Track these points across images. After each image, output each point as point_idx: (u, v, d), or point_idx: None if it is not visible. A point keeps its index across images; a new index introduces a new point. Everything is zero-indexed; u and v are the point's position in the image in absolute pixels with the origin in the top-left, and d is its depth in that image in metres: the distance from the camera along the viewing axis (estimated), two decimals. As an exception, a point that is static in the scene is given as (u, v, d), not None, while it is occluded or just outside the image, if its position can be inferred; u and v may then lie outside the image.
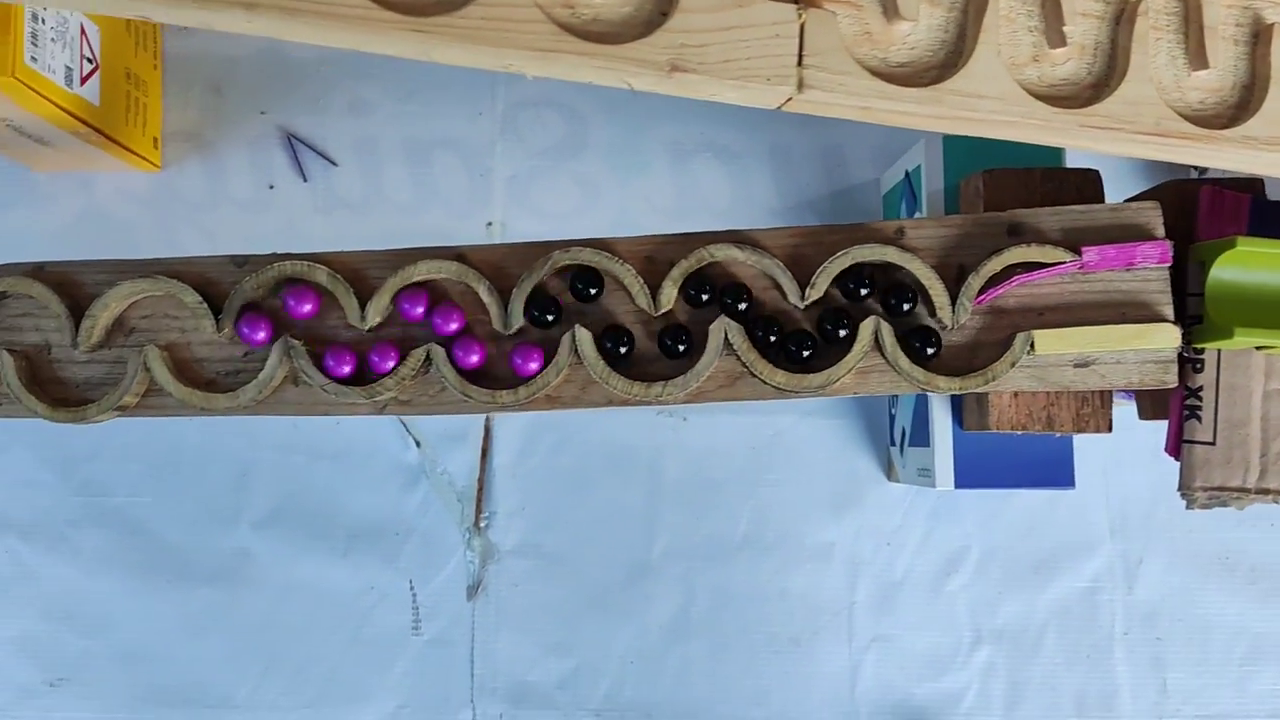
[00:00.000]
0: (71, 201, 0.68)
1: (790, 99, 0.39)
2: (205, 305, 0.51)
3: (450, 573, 0.67)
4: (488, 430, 0.68)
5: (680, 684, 0.67)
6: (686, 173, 0.70)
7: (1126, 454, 0.69)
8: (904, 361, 0.49)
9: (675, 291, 0.50)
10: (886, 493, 0.69)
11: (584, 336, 0.50)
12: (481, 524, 0.68)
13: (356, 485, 0.68)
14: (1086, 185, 0.55)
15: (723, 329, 0.49)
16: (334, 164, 0.69)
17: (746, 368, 0.49)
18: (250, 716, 0.66)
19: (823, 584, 0.68)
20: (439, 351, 0.50)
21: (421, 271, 0.51)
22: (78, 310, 0.52)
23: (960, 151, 0.60)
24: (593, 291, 0.50)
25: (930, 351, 0.49)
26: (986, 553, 0.68)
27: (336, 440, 0.68)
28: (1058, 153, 0.59)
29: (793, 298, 0.49)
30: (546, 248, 0.51)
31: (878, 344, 0.49)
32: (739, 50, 0.38)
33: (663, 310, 0.50)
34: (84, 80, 0.58)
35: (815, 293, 0.49)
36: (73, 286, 0.52)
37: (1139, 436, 0.59)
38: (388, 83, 0.69)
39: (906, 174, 0.63)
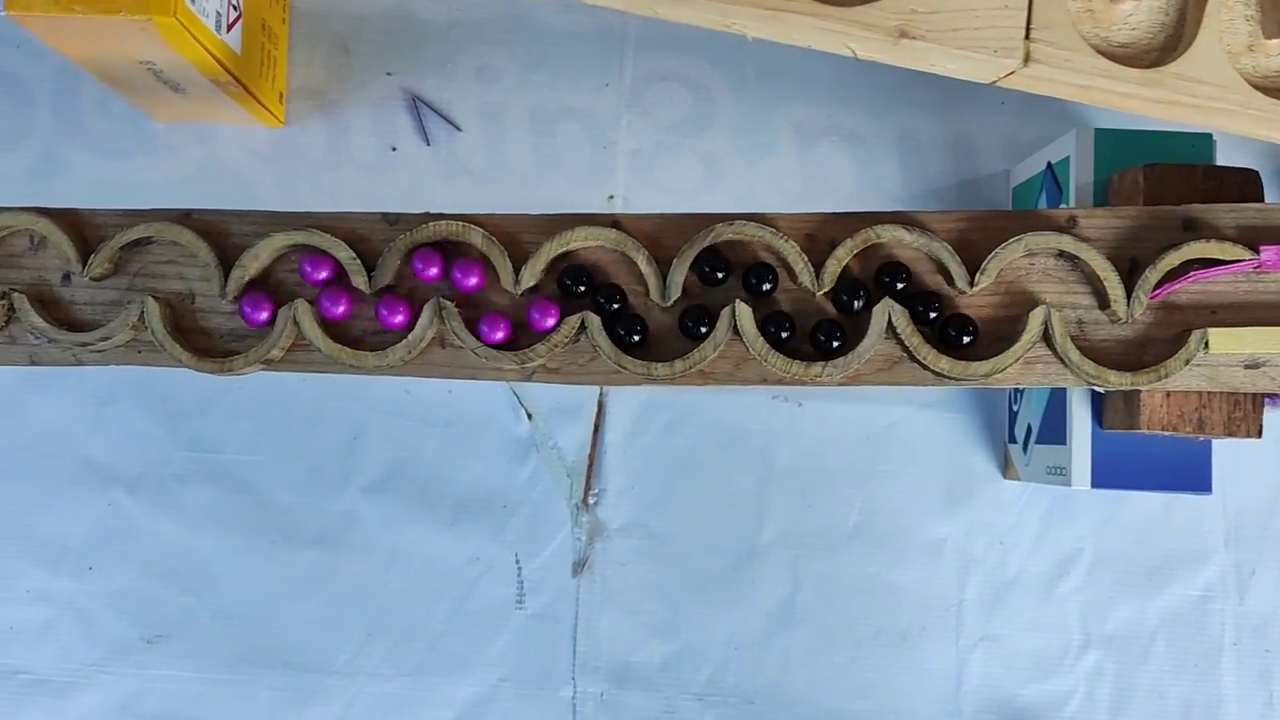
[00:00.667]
0: (191, 153, 0.67)
1: (1012, 72, 0.38)
2: (359, 261, 0.50)
3: (556, 548, 0.66)
4: (601, 406, 0.67)
5: (783, 673, 0.66)
6: (812, 155, 0.69)
7: (1246, 462, 0.67)
8: (1074, 354, 0.48)
9: (839, 270, 0.49)
10: (1001, 490, 0.67)
11: (744, 312, 0.49)
12: (590, 500, 0.67)
13: (467, 455, 0.67)
14: (1248, 185, 0.54)
15: (886, 311, 0.48)
16: (458, 129, 0.68)
17: (909, 352, 0.48)
18: (350, 682, 0.65)
19: (932, 580, 0.67)
20: (594, 319, 0.49)
21: (579, 238, 0.50)
22: (225, 260, 0.51)
23: (1111, 145, 0.59)
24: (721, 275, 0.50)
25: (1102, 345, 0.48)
26: (1100, 556, 0.67)
27: (449, 408, 0.67)
28: (1209, 150, 0.58)
29: (960, 282, 0.48)
30: (704, 219, 0.50)
31: (1047, 335, 0.48)
32: (968, 19, 0.37)
33: (825, 290, 0.49)
34: (229, 27, 0.57)
35: (986, 279, 0.48)
36: (219, 235, 0.52)
37: (1259, 444, 0.58)
38: (516, 50, 0.68)
39: (1049, 166, 0.62)
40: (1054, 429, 0.60)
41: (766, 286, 0.49)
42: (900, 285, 0.49)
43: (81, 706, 0.64)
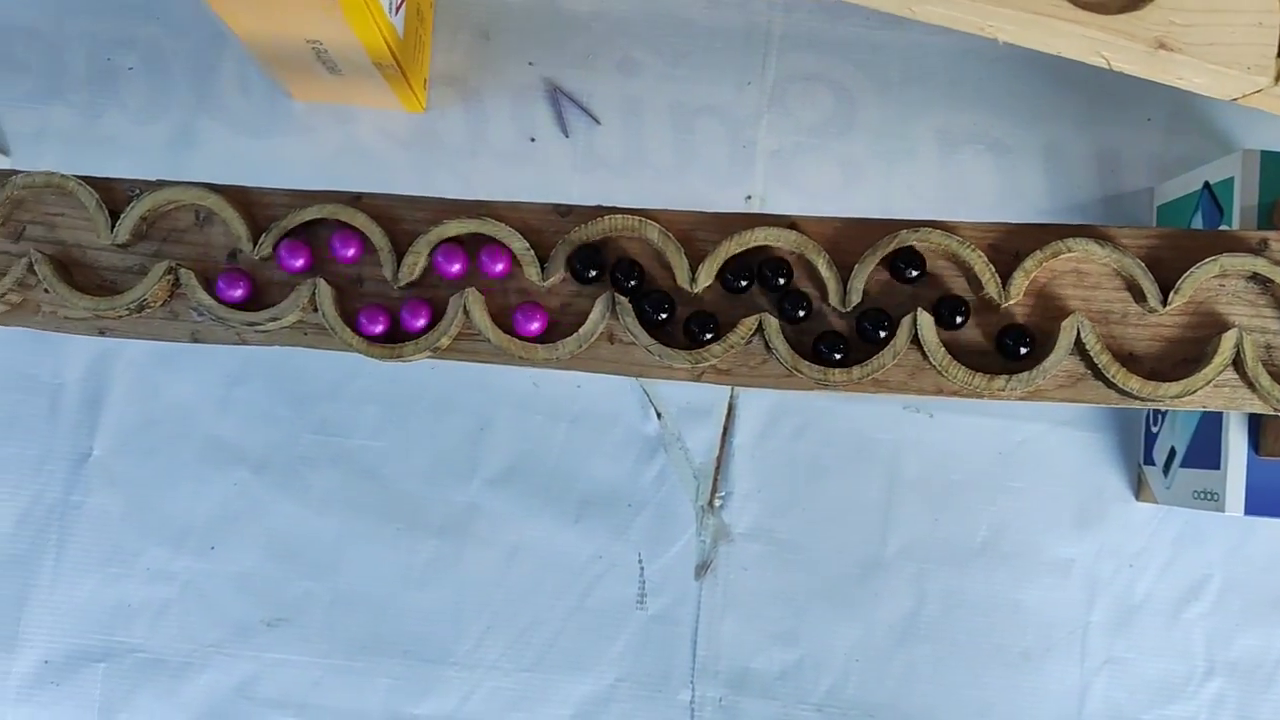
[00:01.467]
0: (330, 134, 0.67)
1: (1260, 90, 0.37)
2: (532, 252, 0.50)
3: (680, 550, 0.66)
4: (731, 408, 0.66)
5: (904, 687, 0.65)
6: (954, 163, 0.68)
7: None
8: (1265, 379, 0.47)
9: (1025, 282, 0.48)
10: (1133, 512, 0.66)
11: (925, 321, 0.48)
12: (716, 503, 0.66)
13: (593, 451, 0.66)
14: None
15: (1075, 326, 0.47)
16: (597, 122, 0.67)
17: (1097, 370, 0.47)
18: (468, 675, 0.65)
19: (1059, 600, 0.66)
20: (772, 322, 0.48)
21: (759, 238, 0.49)
22: (398, 245, 0.50)
23: (1276, 168, 0.58)
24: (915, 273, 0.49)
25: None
26: (1229, 583, 0.66)
27: (577, 403, 0.66)
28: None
29: (1152, 300, 0.47)
30: (885, 225, 0.49)
31: (1237, 358, 0.47)
32: (1223, 34, 0.36)
33: (1012, 301, 0.48)
34: (397, 10, 0.56)
35: (1180, 298, 0.47)
36: (390, 221, 0.51)
37: None
38: (659, 44, 0.68)
39: (1207, 186, 0.61)
40: (1204, 453, 0.59)
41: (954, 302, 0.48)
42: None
43: (197, 688, 0.64)
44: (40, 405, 0.65)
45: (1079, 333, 0.47)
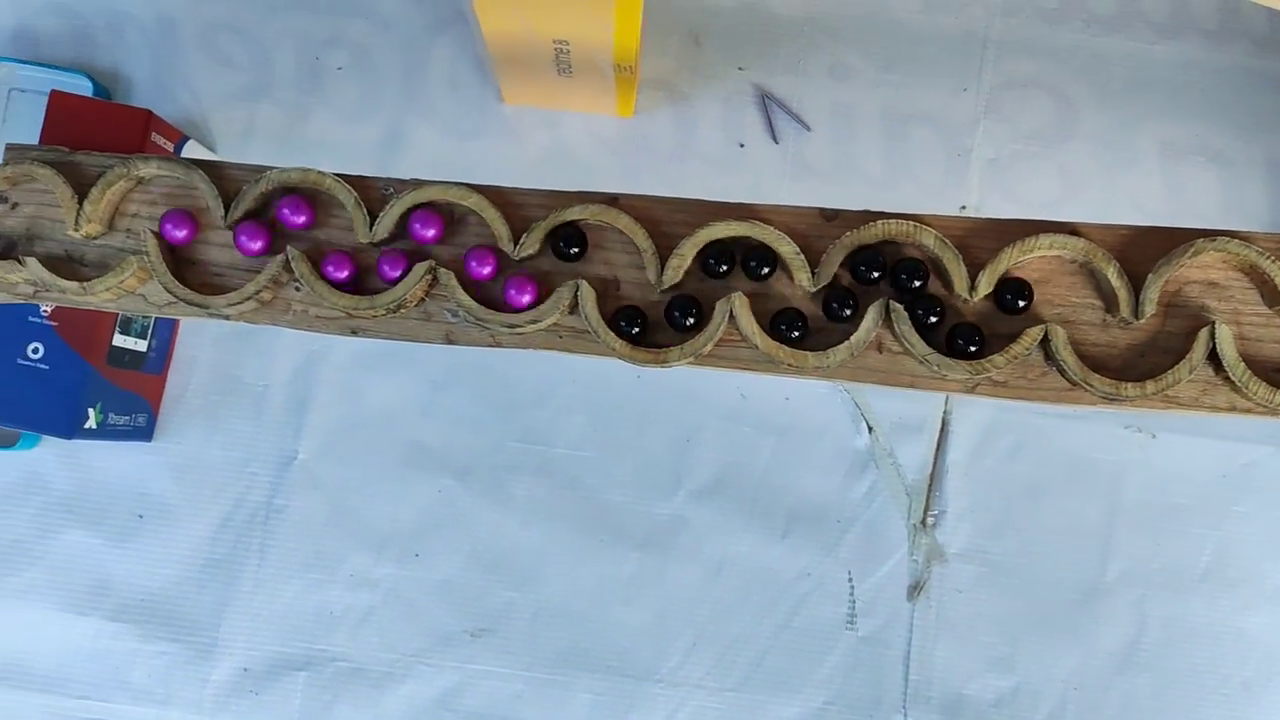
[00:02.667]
0: (538, 137, 0.66)
1: None
2: (803, 257, 0.48)
3: (891, 569, 0.64)
4: (945, 424, 0.64)
5: (1123, 717, 0.63)
6: (1176, 174, 0.66)
7: None
8: None
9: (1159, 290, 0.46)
10: (1366, 541, 0.64)
11: (1225, 335, 0.45)
12: (929, 522, 0.64)
13: (802, 464, 0.64)
14: None
15: (1209, 335, 0.45)
16: (807, 128, 0.66)
17: (1233, 381, 0.45)
18: (673, 693, 0.63)
19: (1287, 630, 0.63)
20: (1060, 333, 0.46)
21: (1043, 245, 0.47)
22: (660, 248, 0.49)
23: None
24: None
25: None
26: None
27: (784, 415, 0.64)
28: None
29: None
30: (1174, 234, 0.47)
31: None
32: None
33: (1149, 315, 0.46)
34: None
35: None
36: (650, 223, 0.50)
37: None
38: (871, 49, 0.66)
39: None
40: None
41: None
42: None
43: (398, 698, 0.63)
44: (245, 408, 0.64)
45: (1215, 341, 0.45)
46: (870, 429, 0.64)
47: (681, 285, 0.50)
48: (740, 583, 0.64)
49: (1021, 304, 0.47)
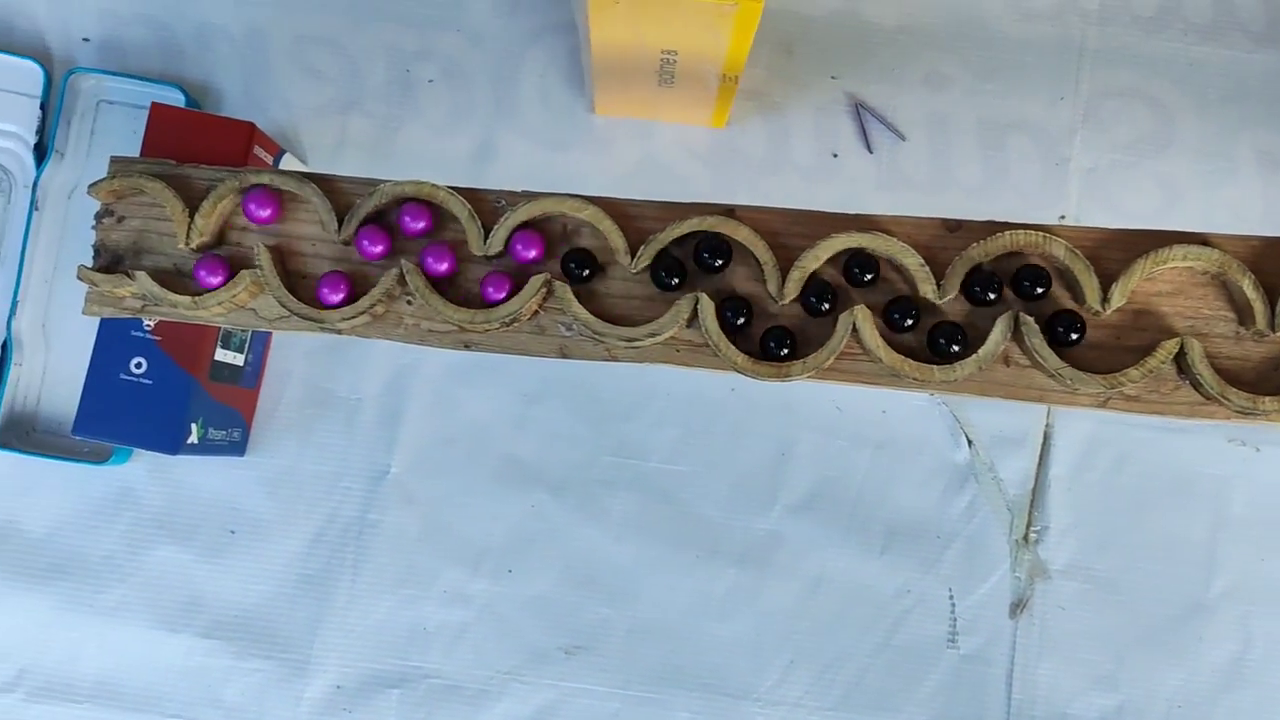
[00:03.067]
0: (629, 148, 0.65)
1: None
2: (928, 269, 0.47)
3: (993, 586, 0.63)
4: (1046, 437, 0.63)
5: (1231, 737, 0.62)
6: (1275, 183, 0.64)
7: None
8: None
9: None
10: None
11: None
12: (1031, 538, 0.63)
13: (899, 479, 0.63)
14: None
15: None
16: (902, 138, 0.65)
17: None
18: (770, 711, 0.62)
19: (1399, 648, 0.62)
20: (1196, 346, 0.45)
21: (1177, 256, 0.46)
22: (782, 261, 0.48)
23: None
24: None
25: None
26: None
27: (882, 429, 0.63)
28: None
29: None
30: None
31: None
32: None
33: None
34: (749, 19, 0.54)
35: None
36: (769, 235, 0.49)
37: None
38: (967, 57, 0.65)
39: None
40: None
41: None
42: None
43: (493, 716, 0.62)
44: (338, 422, 0.63)
45: None
46: (970, 443, 0.63)
47: (799, 296, 0.49)
48: (839, 600, 0.63)
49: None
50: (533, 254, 0.49)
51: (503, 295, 0.49)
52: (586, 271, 0.49)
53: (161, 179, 0.51)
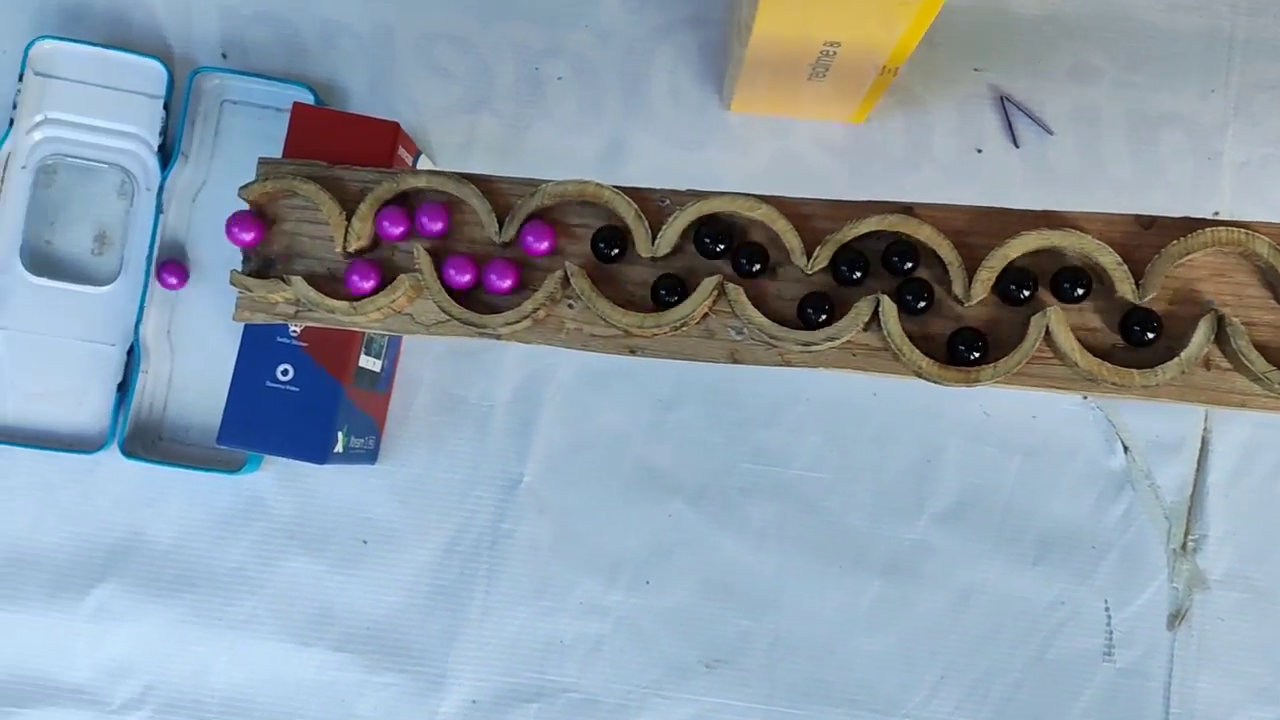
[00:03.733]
0: (764, 146, 0.63)
1: None
2: (1125, 268, 0.45)
3: (1150, 597, 0.60)
4: (1204, 443, 0.61)
5: (1403, 755, 0.59)
6: None
7: None
8: None
9: None
10: None
11: None
12: (1189, 546, 0.60)
13: (1051, 487, 0.61)
14: None
15: None
16: (1049, 132, 0.63)
17: None
18: (920, 728, 0.60)
19: None
20: None
21: (1392, 256, 0.44)
22: (970, 261, 0.46)
23: None
24: None
25: None
26: None
27: (1032, 434, 0.61)
28: None
29: None
30: None
31: None
32: None
33: None
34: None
35: None
36: (954, 234, 0.47)
37: None
38: (1115, 49, 0.63)
39: None
40: None
41: None
42: None
43: (631, 731, 0.60)
44: (469, 429, 0.61)
45: None
46: (1126, 449, 0.61)
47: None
48: (989, 612, 0.60)
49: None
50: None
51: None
52: (758, 267, 0.47)
53: (316, 181, 0.49)
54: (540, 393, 0.62)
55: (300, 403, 0.53)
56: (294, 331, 0.53)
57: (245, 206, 0.50)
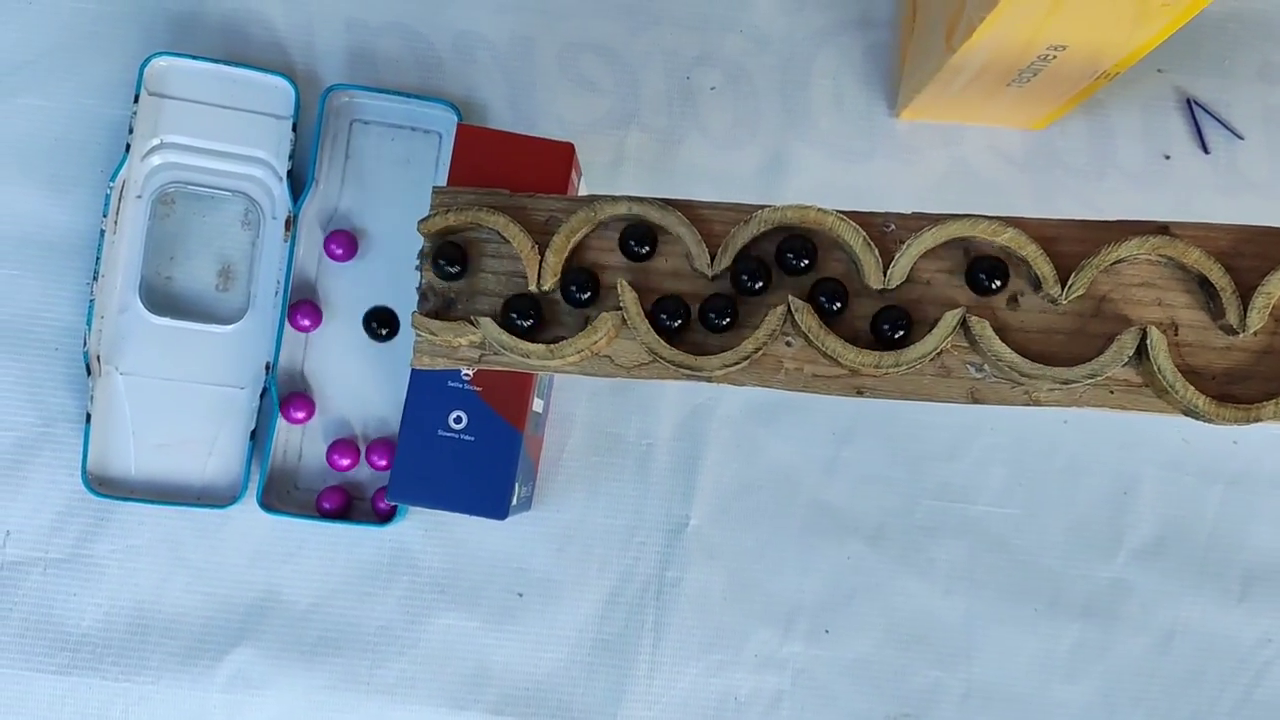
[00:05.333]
0: (936, 155, 0.59)
1: None
2: None
3: (1366, 633, 0.56)
4: None
5: None
6: None
7: None
8: None
9: None
10: None
11: None
12: (1407, 578, 0.56)
13: (1256, 516, 0.57)
14: None
15: None
16: (1238, 136, 0.58)
17: None
18: (1126, 781, 0.56)
19: None
20: None
21: None
22: (1243, 287, 0.42)
23: None
24: None
25: None
26: None
27: (1233, 461, 0.57)
28: None
29: None
30: None
31: None
32: None
33: None
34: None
35: None
36: (1220, 256, 0.42)
37: None
38: (1308, 45, 0.59)
39: None
40: None
41: None
42: None
43: (814, 792, 0.56)
44: (628, 470, 0.57)
45: None
46: (1329, 474, 0.57)
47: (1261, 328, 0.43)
48: (1193, 653, 0.56)
49: None
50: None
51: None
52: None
53: (503, 212, 0.44)
54: (704, 429, 0.57)
55: (476, 453, 0.48)
56: (466, 375, 0.49)
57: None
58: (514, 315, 0.44)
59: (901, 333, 0.43)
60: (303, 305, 0.55)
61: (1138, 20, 0.44)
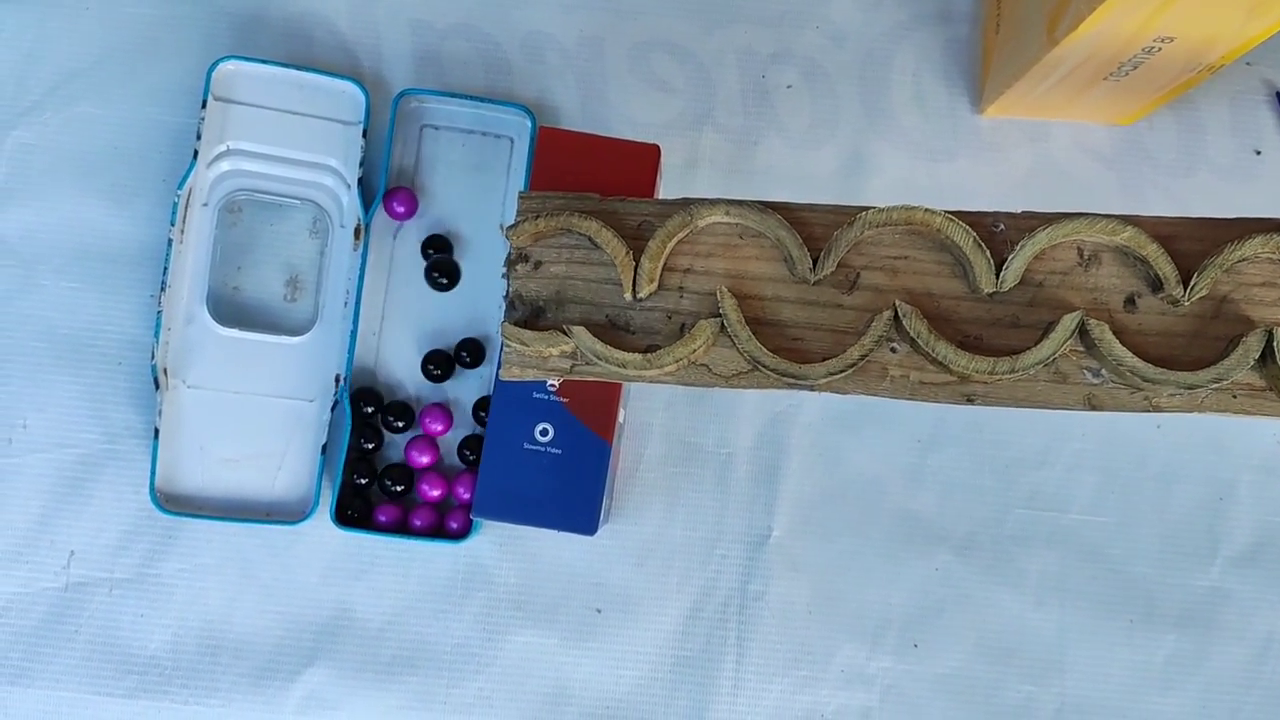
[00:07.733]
0: (1021, 152, 0.57)
1: None
2: None
3: None
4: None
5: None
6: None
7: None
8: None
9: None
10: None
11: None
12: None
13: (1358, 523, 0.55)
14: None
15: None
16: (1332, 129, 0.57)
17: None
18: (1228, 797, 0.54)
19: None
20: None
21: None
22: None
23: None
24: None
25: None
26: None
27: (1335, 465, 0.55)
28: None
29: None
30: None
31: None
32: None
33: None
34: None
35: None
36: (1342, 254, 0.41)
37: None
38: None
39: None
40: None
41: None
42: None
43: (905, 811, 0.54)
44: (707, 480, 0.55)
45: None
46: None
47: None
48: (1295, 664, 0.55)
49: None
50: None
51: (1014, 342, 0.41)
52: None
53: (595, 217, 0.43)
54: (785, 437, 0.56)
55: (564, 466, 0.46)
56: (552, 386, 0.47)
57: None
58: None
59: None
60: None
61: (1253, 11, 0.42)
